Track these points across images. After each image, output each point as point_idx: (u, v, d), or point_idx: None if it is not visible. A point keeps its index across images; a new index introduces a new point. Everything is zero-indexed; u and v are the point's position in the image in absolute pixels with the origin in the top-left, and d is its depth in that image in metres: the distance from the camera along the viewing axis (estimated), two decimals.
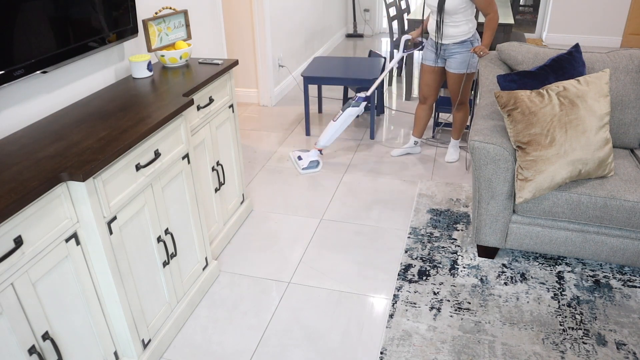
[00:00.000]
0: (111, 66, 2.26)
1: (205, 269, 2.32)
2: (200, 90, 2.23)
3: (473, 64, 3.11)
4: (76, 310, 1.60)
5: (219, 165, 2.48)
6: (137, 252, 1.80)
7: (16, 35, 1.65)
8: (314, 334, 2.09)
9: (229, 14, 4.25)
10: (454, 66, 3.11)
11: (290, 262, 2.53)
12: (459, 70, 3.11)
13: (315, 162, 3.40)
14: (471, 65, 3.12)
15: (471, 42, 3.03)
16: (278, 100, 4.67)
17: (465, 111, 3.37)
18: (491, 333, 2.06)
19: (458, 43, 3.04)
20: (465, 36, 3.02)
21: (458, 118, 3.38)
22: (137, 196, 1.75)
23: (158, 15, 2.36)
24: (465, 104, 3.35)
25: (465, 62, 3.09)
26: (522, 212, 2.27)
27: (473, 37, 3.03)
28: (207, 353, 2.02)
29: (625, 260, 2.26)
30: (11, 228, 1.33)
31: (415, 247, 2.59)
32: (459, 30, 3.00)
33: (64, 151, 1.58)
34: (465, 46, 3.04)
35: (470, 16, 2.97)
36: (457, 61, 3.09)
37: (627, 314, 2.14)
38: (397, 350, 1.99)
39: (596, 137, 2.15)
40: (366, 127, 4.03)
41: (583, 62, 2.38)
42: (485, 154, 2.20)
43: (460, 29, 2.99)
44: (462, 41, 3.03)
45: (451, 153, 3.49)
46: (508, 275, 2.38)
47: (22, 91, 1.81)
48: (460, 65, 3.09)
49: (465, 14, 2.94)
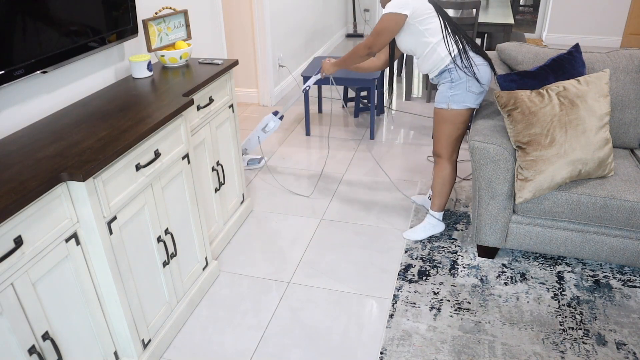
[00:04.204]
0: (111, 66, 2.26)
1: (205, 269, 2.32)
2: (200, 90, 2.23)
3: (457, 99, 2.35)
4: (76, 310, 1.60)
5: (219, 165, 2.48)
6: (137, 252, 1.80)
7: (16, 35, 1.65)
8: (314, 334, 2.09)
9: (229, 14, 4.25)
10: (436, 99, 2.44)
11: (290, 262, 2.53)
12: (437, 104, 2.42)
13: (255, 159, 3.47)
14: (453, 99, 2.35)
15: (450, 72, 2.32)
16: (278, 100, 4.67)
17: (442, 169, 2.51)
18: (491, 333, 2.06)
19: (437, 76, 2.40)
20: (438, 66, 2.35)
21: (435, 177, 2.56)
22: (137, 196, 1.75)
23: (158, 15, 2.36)
24: (443, 159, 2.50)
25: (444, 95, 2.38)
26: (522, 212, 2.27)
27: (452, 64, 2.31)
28: (207, 353, 2.02)
29: (625, 260, 2.26)
30: (11, 228, 1.33)
31: (415, 247, 2.59)
32: (430, 63, 2.36)
33: (63, 151, 1.58)
34: (444, 77, 2.36)
35: (425, 47, 2.33)
36: (438, 93, 2.42)
37: (627, 314, 2.14)
38: (397, 350, 1.99)
39: (596, 137, 2.15)
40: (366, 127, 4.03)
41: (583, 62, 2.38)
42: (485, 154, 2.20)
43: (430, 61, 2.36)
44: (439, 73, 2.37)
45: (415, 230, 2.65)
46: (508, 275, 2.38)
47: (22, 91, 1.81)
48: (439, 97, 2.41)
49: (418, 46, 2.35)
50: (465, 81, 2.32)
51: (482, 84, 2.35)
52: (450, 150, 2.47)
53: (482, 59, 2.36)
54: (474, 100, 2.37)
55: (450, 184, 2.54)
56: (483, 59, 2.37)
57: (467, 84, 2.32)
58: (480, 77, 2.33)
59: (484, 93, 2.38)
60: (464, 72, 2.30)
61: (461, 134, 2.46)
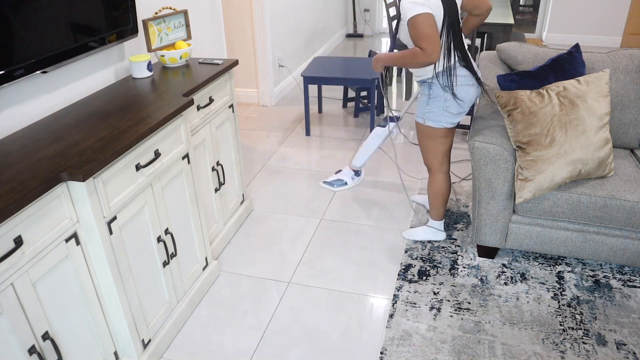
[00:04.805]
0: (111, 66, 2.26)
1: (205, 269, 2.32)
2: (200, 90, 2.23)
3: (433, 117, 2.27)
4: (76, 310, 1.60)
5: (219, 165, 2.48)
6: (137, 252, 1.80)
7: (16, 35, 1.65)
8: (314, 334, 2.09)
9: (229, 14, 4.25)
10: (416, 110, 2.37)
11: (290, 262, 2.53)
12: (416, 117, 2.37)
13: (342, 181, 3.16)
14: (428, 117, 2.29)
15: (429, 85, 2.24)
16: (278, 100, 4.67)
17: (433, 181, 2.48)
18: (491, 333, 2.06)
19: (419, 82, 2.32)
20: (423, 75, 2.25)
21: (427, 189, 2.55)
22: (137, 196, 1.75)
23: (158, 15, 2.36)
24: (432, 172, 2.46)
25: (421, 109, 2.32)
26: (522, 212, 2.27)
27: (434, 79, 2.21)
28: (207, 353, 2.02)
29: (625, 260, 2.26)
30: (11, 228, 1.33)
31: (415, 247, 2.59)
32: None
33: (63, 151, 1.58)
34: (424, 88, 2.28)
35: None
36: (417, 104, 2.36)
37: (627, 314, 2.14)
38: (397, 350, 1.99)
39: (596, 137, 2.15)
40: (366, 127, 4.03)
41: (583, 62, 2.38)
42: (485, 154, 2.20)
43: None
44: (421, 80, 2.29)
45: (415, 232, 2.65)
46: (508, 275, 2.38)
47: (22, 91, 1.81)
48: (417, 110, 2.35)
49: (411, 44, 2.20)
50: (442, 100, 2.23)
51: (460, 104, 2.24)
52: (437, 163, 2.42)
53: (472, 78, 2.23)
54: (450, 119, 2.28)
55: (445, 195, 2.51)
56: (473, 78, 2.24)
57: (445, 103, 2.23)
58: (460, 97, 2.22)
59: (462, 114, 2.29)
60: (442, 89, 2.21)
61: (447, 148, 2.39)
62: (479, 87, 2.29)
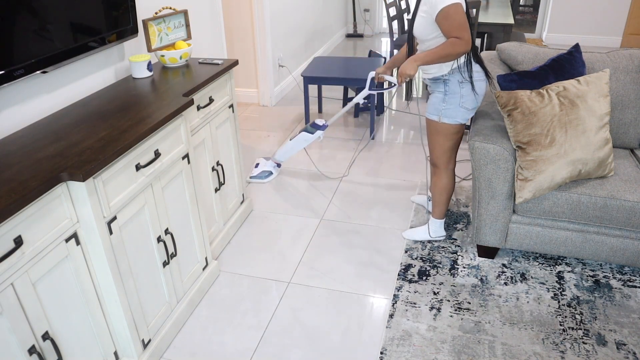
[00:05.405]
0: (111, 66, 2.26)
1: (205, 269, 2.32)
2: (200, 90, 2.23)
3: (449, 113, 2.28)
4: (76, 310, 1.60)
5: (219, 165, 2.48)
6: (137, 252, 1.80)
7: (16, 35, 1.65)
8: (314, 334, 2.09)
9: (229, 14, 4.25)
10: (428, 108, 2.37)
11: (290, 262, 2.53)
12: (428, 114, 2.35)
13: (266, 172, 3.28)
14: (444, 113, 2.29)
15: (445, 82, 2.24)
16: (278, 100, 4.67)
17: (440, 178, 2.49)
18: (491, 333, 2.06)
19: (431, 80, 2.30)
20: (438, 72, 2.24)
21: (432, 186, 2.55)
22: (137, 196, 1.75)
23: (158, 15, 2.36)
24: (440, 169, 2.47)
25: (436, 107, 2.31)
26: (522, 212, 2.27)
27: (450, 76, 2.21)
28: (207, 353, 2.02)
29: (625, 260, 2.26)
30: (11, 228, 1.33)
31: (415, 247, 2.59)
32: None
33: (63, 151, 1.58)
34: (438, 86, 2.28)
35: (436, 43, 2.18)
36: (430, 102, 2.34)
37: (627, 314, 2.14)
38: (397, 350, 1.99)
39: (596, 137, 2.15)
40: (366, 127, 4.03)
41: (583, 62, 2.38)
42: (485, 154, 2.20)
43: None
44: (434, 78, 2.27)
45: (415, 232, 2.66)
46: (508, 275, 2.38)
47: (22, 91, 1.81)
48: (430, 108, 2.34)
49: (437, 42, 2.17)
50: (459, 97, 2.23)
51: (477, 99, 2.27)
52: (445, 159, 2.43)
53: (483, 74, 2.27)
54: (465, 115, 2.29)
55: (449, 193, 2.52)
56: (484, 74, 2.27)
57: (461, 99, 2.23)
58: (478, 92, 2.25)
59: (476, 109, 2.32)
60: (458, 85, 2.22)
61: (456, 144, 2.40)
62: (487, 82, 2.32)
